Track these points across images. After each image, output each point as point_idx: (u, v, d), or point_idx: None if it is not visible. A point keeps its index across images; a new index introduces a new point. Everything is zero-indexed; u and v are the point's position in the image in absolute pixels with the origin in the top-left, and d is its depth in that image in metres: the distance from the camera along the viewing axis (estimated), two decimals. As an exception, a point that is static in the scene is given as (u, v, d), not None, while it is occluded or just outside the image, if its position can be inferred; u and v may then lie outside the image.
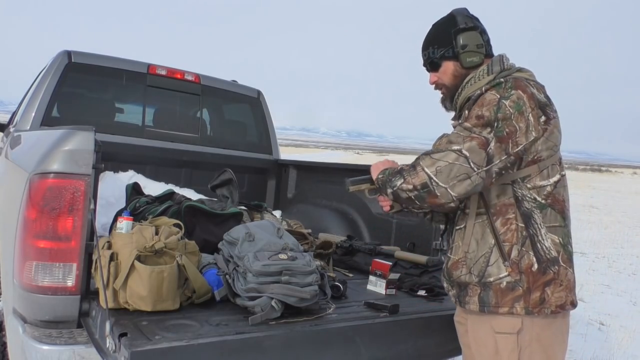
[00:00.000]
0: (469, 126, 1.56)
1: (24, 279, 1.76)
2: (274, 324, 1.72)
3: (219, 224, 2.54)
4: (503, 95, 1.55)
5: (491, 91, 1.59)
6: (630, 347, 4.25)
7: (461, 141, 1.53)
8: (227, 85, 4.07)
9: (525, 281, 1.57)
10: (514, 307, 1.57)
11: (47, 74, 3.31)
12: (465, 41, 1.70)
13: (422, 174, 1.55)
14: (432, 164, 1.54)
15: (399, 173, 1.63)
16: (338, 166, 3.75)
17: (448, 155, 1.53)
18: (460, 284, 1.69)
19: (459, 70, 1.73)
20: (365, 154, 62.72)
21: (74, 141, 1.74)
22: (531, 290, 1.57)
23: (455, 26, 1.72)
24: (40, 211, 1.72)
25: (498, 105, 1.54)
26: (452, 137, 1.58)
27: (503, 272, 1.58)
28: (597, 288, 6.17)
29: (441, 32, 1.75)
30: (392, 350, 1.90)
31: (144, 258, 1.78)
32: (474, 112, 1.58)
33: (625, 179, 42.49)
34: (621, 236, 10.83)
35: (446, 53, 1.73)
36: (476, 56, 1.70)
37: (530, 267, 1.57)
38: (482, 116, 1.55)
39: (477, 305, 1.63)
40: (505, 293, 1.58)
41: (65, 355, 1.67)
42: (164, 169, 3.61)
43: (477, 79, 1.69)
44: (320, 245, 2.91)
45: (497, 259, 1.60)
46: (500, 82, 1.60)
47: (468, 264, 1.65)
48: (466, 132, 1.55)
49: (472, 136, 1.53)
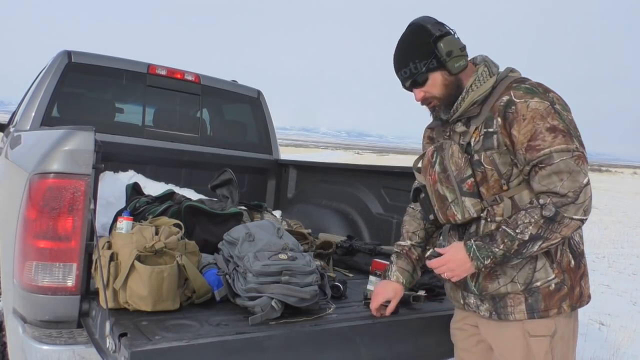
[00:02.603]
0: (564, 147, 1.47)
1: (24, 279, 1.76)
2: (274, 324, 1.72)
3: (219, 224, 2.54)
4: (550, 101, 1.52)
5: (529, 97, 1.53)
6: (631, 347, 4.25)
7: (578, 168, 1.47)
8: (227, 85, 4.07)
9: (568, 279, 1.59)
10: (561, 307, 1.57)
11: (47, 74, 3.31)
12: (449, 47, 1.61)
13: (574, 222, 1.47)
14: (579, 209, 1.46)
15: (531, 241, 1.48)
16: (338, 166, 3.75)
17: (586, 191, 1.46)
18: (497, 295, 1.63)
19: (448, 78, 1.64)
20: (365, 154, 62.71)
21: (74, 141, 1.74)
22: (574, 287, 1.59)
23: (430, 35, 1.62)
24: (40, 211, 1.72)
25: (556, 111, 1.51)
26: (562, 166, 1.47)
27: (551, 275, 1.57)
28: (597, 288, 6.16)
29: (418, 45, 1.63)
30: (392, 350, 1.90)
31: (144, 258, 1.78)
32: (537, 127, 1.49)
33: (626, 179, 42.49)
34: (621, 236, 10.83)
35: (431, 64, 1.62)
36: (462, 59, 1.63)
37: (569, 264, 1.59)
38: (555, 127, 1.49)
39: (524, 314, 1.59)
40: (553, 295, 1.57)
41: (65, 355, 1.67)
42: (164, 169, 3.61)
43: (481, 82, 1.62)
44: (320, 245, 2.91)
45: (544, 263, 1.57)
46: (529, 88, 1.56)
47: (509, 274, 1.60)
48: (568, 154, 1.47)
49: (579, 156, 1.48)
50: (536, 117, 1.50)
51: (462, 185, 1.62)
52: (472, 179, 1.61)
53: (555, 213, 1.46)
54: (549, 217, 1.46)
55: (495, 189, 1.60)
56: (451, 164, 1.63)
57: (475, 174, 1.61)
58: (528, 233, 1.48)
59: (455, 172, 1.63)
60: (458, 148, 1.64)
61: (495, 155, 1.58)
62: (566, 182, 1.45)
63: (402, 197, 2.90)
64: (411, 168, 1.86)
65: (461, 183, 1.62)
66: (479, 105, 1.63)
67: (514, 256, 1.53)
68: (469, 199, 1.61)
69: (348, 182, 3.43)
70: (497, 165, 1.59)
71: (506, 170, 1.58)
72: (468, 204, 1.61)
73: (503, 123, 1.56)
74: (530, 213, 1.49)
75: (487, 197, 1.61)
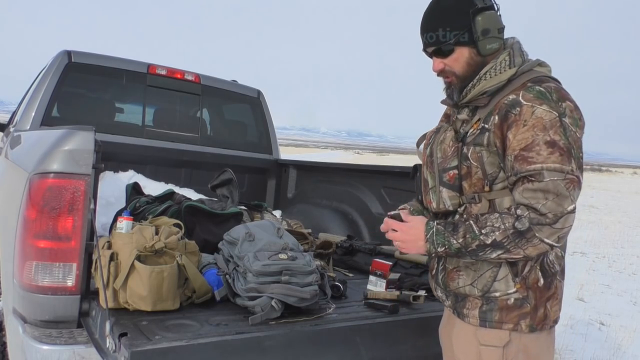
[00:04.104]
0: (558, 166, 1.33)
1: (24, 278, 1.76)
2: (274, 324, 1.72)
3: (219, 224, 2.54)
4: (560, 112, 1.36)
5: (538, 103, 1.37)
6: (631, 347, 4.25)
7: (567, 193, 1.32)
8: (227, 85, 4.07)
9: (532, 298, 1.45)
10: (519, 325, 1.45)
11: (47, 73, 3.31)
12: (487, 24, 1.44)
13: (542, 245, 1.34)
14: (553, 233, 1.32)
15: (492, 246, 1.37)
16: (338, 166, 3.75)
17: (567, 219, 1.33)
18: (458, 295, 1.55)
19: (474, 58, 1.48)
20: (365, 154, 62.75)
21: (74, 141, 1.74)
22: (537, 307, 1.46)
23: (472, 5, 1.44)
24: (40, 211, 1.72)
25: (562, 125, 1.35)
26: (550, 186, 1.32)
27: (511, 289, 1.45)
28: (597, 288, 6.16)
29: (455, 12, 1.46)
30: (392, 350, 1.90)
31: (144, 258, 1.78)
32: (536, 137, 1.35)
33: (626, 179, 42.50)
34: (621, 236, 10.82)
35: (461, 37, 1.46)
36: (496, 42, 1.47)
37: (537, 282, 1.46)
38: (555, 143, 1.34)
39: (476, 320, 1.49)
40: (511, 310, 1.45)
41: (65, 355, 1.67)
42: (164, 168, 3.61)
43: (498, 71, 1.46)
44: (320, 245, 2.91)
45: (506, 274, 1.46)
46: (542, 91, 1.39)
47: (470, 276, 1.50)
48: (561, 175, 1.33)
49: (572, 180, 1.33)
50: (538, 126, 1.36)
51: (444, 174, 1.52)
52: (456, 171, 1.50)
53: (527, 229, 1.33)
54: (519, 231, 1.33)
55: (477, 188, 1.49)
56: (438, 151, 1.54)
57: (460, 166, 1.50)
58: (492, 238, 1.36)
59: (440, 159, 1.53)
60: (452, 136, 1.54)
61: (484, 152, 1.46)
62: (550, 203, 1.32)
63: (402, 197, 2.90)
64: (411, 168, 1.84)
65: (443, 172, 1.52)
66: (488, 96, 1.49)
67: (468, 255, 1.42)
68: (447, 190, 1.52)
69: (348, 182, 3.43)
70: (483, 163, 1.47)
71: (492, 172, 1.46)
72: (445, 195, 1.52)
73: (500, 123, 1.43)
74: (504, 219, 1.36)
75: (467, 193, 1.51)
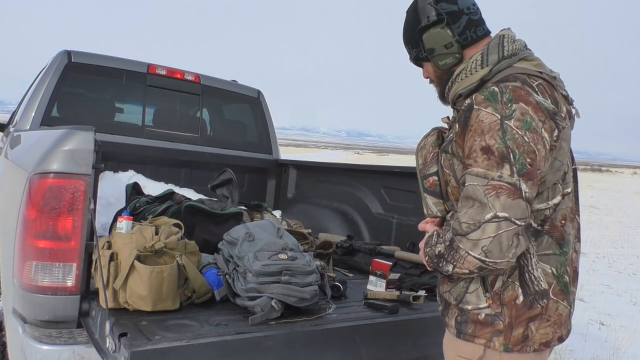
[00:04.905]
0: (482, 172, 1.23)
1: (23, 278, 1.76)
2: (274, 324, 1.72)
3: (219, 224, 2.54)
4: (504, 114, 1.24)
5: (484, 106, 1.27)
6: (631, 347, 4.25)
7: (485, 200, 1.20)
8: (227, 85, 4.07)
9: (507, 315, 1.34)
10: (492, 342, 1.35)
11: (47, 73, 3.31)
12: (430, 44, 1.43)
13: (471, 258, 1.23)
14: (475, 245, 1.21)
15: (441, 257, 1.31)
16: (338, 166, 3.75)
17: (486, 229, 1.20)
18: (444, 300, 1.49)
19: (438, 70, 1.48)
20: (365, 154, 62.76)
21: (73, 141, 1.74)
22: (513, 326, 1.33)
23: (418, 23, 1.44)
24: (40, 211, 1.72)
25: (502, 129, 1.23)
26: (470, 192, 1.24)
27: (483, 303, 1.36)
28: (597, 288, 6.16)
29: (409, 30, 1.49)
30: (392, 350, 1.90)
31: (144, 258, 1.78)
32: (474, 143, 1.26)
33: (626, 179, 42.51)
34: (621, 236, 10.82)
35: (419, 54, 1.49)
36: (448, 57, 1.43)
37: (514, 299, 1.34)
38: (489, 148, 1.23)
39: (454, 330, 1.43)
40: (483, 325, 1.36)
41: (65, 355, 1.67)
42: (164, 169, 3.61)
43: (468, 72, 1.40)
44: (320, 245, 2.91)
45: (477, 287, 1.37)
46: (494, 92, 1.28)
47: (449, 283, 1.45)
48: (482, 181, 1.22)
49: (495, 186, 1.21)
50: (477, 130, 1.26)
51: (424, 181, 1.49)
52: (435, 177, 1.46)
53: (451, 240, 1.27)
54: (448, 241, 1.28)
55: (456, 195, 1.41)
56: (419, 157, 1.51)
57: (441, 172, 1.45)
58: (438, 249, 1.32)
59: (420, 165, 1.51)
60: (433, 141, 1.50)
61: (454, 160, 1.39)
62: (470, 211, 1.23)
63: (402, 197, 2.91)
64: (411, 168, 1.84)
65: (424, 178, 1.50)
66: (464, 99, 1.39)
67: (435, 265, 1.36)
68: (430, 197, 1.48)
69: (348, 182, 3.43)
70: (455, 171, 1.40)
71: None
72: (429, 202, 1.49)
73: (460, 130, 1.34)
74: (446, 229, 1.31)
75: (451, 200, 1.44)
